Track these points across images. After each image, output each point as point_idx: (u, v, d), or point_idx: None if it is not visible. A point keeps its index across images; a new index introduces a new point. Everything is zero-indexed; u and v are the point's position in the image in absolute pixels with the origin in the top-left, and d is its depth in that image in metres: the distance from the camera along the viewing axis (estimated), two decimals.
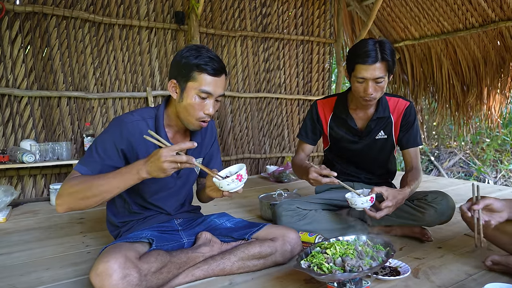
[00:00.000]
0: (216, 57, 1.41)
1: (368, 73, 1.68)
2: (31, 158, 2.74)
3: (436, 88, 4.68)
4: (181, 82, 1.40)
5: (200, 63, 1.37)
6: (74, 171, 1.37)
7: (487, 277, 1.45)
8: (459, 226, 2.03)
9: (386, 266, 1.51)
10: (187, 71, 1.38)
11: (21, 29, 2.96)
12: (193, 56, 1.38)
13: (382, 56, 1.67)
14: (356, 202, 1.59)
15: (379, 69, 1.68)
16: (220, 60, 1.42)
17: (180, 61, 1.40)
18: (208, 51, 1.41)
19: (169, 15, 3.60)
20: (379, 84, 1.71)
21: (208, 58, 1.38)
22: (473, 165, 6.49)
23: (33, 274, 1.60)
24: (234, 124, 4.05)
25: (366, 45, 1.68)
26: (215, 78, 1.40)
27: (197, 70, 1.37)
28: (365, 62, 1.67)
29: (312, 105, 2.08)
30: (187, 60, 1.38)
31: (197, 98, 1.39)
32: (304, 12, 4.32)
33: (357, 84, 1.75)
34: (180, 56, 1.41)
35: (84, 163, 1.38)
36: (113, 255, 1.20)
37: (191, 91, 1.39)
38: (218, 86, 1.41)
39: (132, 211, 1.58)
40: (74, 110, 3.23)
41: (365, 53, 1.67)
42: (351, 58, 1.74)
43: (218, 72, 1.40)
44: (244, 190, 1.43)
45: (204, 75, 1.37)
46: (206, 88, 1.38)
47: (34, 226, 2.32)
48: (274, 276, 1.50)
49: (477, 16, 3.86)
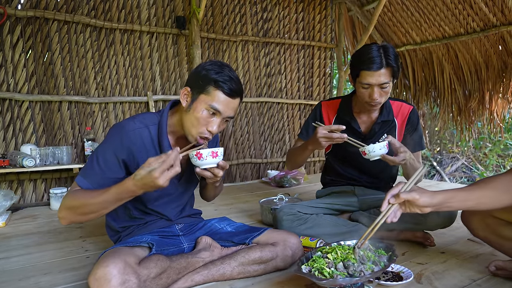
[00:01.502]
0: (236, 79, 1.40)
1: (373, 79, 1.68)
2: (31, 163, 2.73)
3: (438, 93, 4.67)
4: (195, 92, 1.39)
5: (218, 80, 1.35)
6: (75, 183, 1.37)
7: (491, 283, 1.42)
8: (462, 231, 2.00)
9: (389, 271, 1.49)
10: (204, 83, 1.37)
11: (23, 33, 2.97)
12: (214, 71, 1.37)
13: (387, 62, 1.67)
14: (375, 149, 1.60)
15: (384, 75, 1.68)
16: (239, 83, 1.40)
17: (200, 72, 1.39)
18: (230, 70, 1.40)
19: (170, 20, 3.61)
20: (384, 89, 1.72)
21: (228, 77, 1.37)
22: (475, 170, 6.46)
23: (32, 279, 1.59)
24: (235, 128, 4.04)
25: (370, 51, 1.68)
26: (229, 98, 1.38)
27: (214, 85, 1.36)
28: (370, 68, 1.67)
29: (316, 105, 2.08)
30: (207, 73, 1.37)
31: (205, 112, 1.37)
32: (305, 17, 4.33)
33: (362, 90, 1.75)
34: (202, 67, 1.40)
35: (85, 175, 1.36)
36: (112, 260, 1.18)
37: (201, 104, 1.37)
38: (229, 107, 1.39)
39: (132, 216, 1.56)
40: (75, 114, 3.23)
41: (369, 60, 1.67)
42: (356, 64, 1.74)
43: (234, 94, 1.38)
44: (244, 195, 1.42)
45: (219, 92, 1.36)
46: (216, 105, 1.36)
47: (33, 231, 2.31)
48: (275, 281, 1.48)
49: (478, 20, 3.86)
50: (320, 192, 2.20)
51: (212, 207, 2.75)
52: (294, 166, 2.02)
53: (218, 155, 1.34)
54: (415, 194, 1.14)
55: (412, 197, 1.14)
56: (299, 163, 1.97)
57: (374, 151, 1.62)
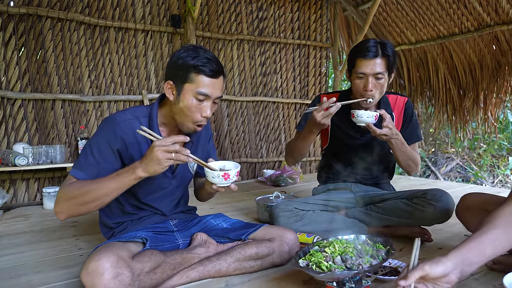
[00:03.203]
0: (214, 58, 1.37)
1: (368, 68, 1.69)
2: (24, 161, 2.69)
3: (433, 92, 4.68)
4: (178, 84, 1.37)
5: (197, 64, 1.33)
6: (70, 176, 1.34)
7: (489, 277, 1.42)
8: (459, 227, 1.99)
9: (386, 266, 1.48)
10: (184, 72, 1.34)
11: (15, 31, 2.93)
12: (190, 56, 1.34)
13: (382, 52, 1.70)
14: (362, 115, 1.66)
15: (379, 64, 1.70)
16: (218, 61, 1.38)
17: (176, 62, 1.36)
18: (205, 51, 1.37)
19: (165, 18, 3.59)
20: (379, 81, 1.71)
21: (206, 59, 1.34)
22: (470, 171, 6.49)
23: (23, 277, 1.56)
24: (230, 128, 4.02)
25: (368, 42, 1.74)
26: (212, 79, 1.36)
27: (194, 71, 1.33)
28: (366, 56, 1.69)
29: (315, 98, 2.06)
30: (184, 61, 1.34)
31: (194, 100, 1.35)
32: (300, 17, 4.33)
33: (357, 81, 1.75)
34: (177, 56, 1.37)
35: (80, 167, 1.34)
36: (105, 254, 1.16)
37: (188, 93, 1.35)
38: (216, 88, 1.37)
39: (126, 212, 1.54)
40: (68, 113, 3.19)
41: (366, 48, 1.70)
42: (352, 54, 1.77)
43: (216, 74, 1.36)
44: (240, 194, 1.42)
45: (201, 76, 1.34)
46: (203, 90, 1.35)
47: (25, 230, 2.27)
48: (272, 277, 1.46)
49: (472, 20, 3.88)
50: (317, 189, 2.19)
51: (208, 206, 2.72)
52: (296, 157, 1.97)
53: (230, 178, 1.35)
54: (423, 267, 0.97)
55: (422, 271, 0.96)
56: (303, 153, 1.92)
57: (361, 116, 1.67)
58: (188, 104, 1.35)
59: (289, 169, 3.66)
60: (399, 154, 1.78)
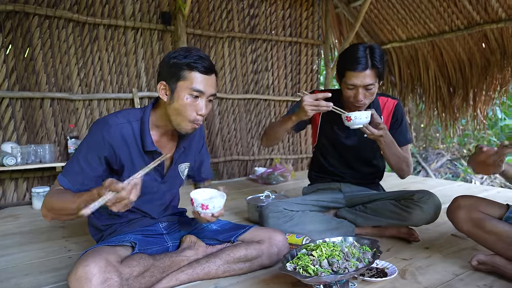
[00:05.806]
0: (205, 56, 1.39)
1: (358, 80, 1.68)
2: (12, 161, 2.67)
3: (423, 89, 4.72)
4: (171, 83, 1.37)
5: (190, 62, 1.34)
6: (57, 182, 1.36)
7: (474, 277, 1.45)
8: (446, 227, 2.03)
9: (373, 268, 1.50)
10: (177, 70, 1.35)
11: (2, 28, 2.88)
12: (182, 55, 1.35)
13: (372, 63, 1.67)
14: (361, 116, 1.62)
15: (369, 76, 1.68)
16: (210, 59, 1.39)
17: (169, 62, 1.37)
18: (197, 50, 1.39)
19: (155, 16, 3.56)
20: (369, 90, 1.72)
21: (198, 57, 1.35)
22: (460, 166, 6.57)
23: (12, 280, 1.55)
24: (222, 125, 4.02)
25: (357, 51, 1.68)
26: (206, 76, 1.37)
27: (188, 68, 1.34)
28: (355, 69, 1.67)
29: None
30: (176, 60, 1.35)
31: (189, 98, 1.36)
32: (292, 14, 4.32)
33: (347, 90, 1.75)
34: (168, 57, 1.38)
35: (66, 173, 1.36)
36: (93, 259, 1.16)
37: (183, 91, 1.35)
38: (209, 84, 1.38)
39: (114, 214, 1.53)
40: (57, 111, 3.16)
41: (355, 60, 1.67)
42: (341, 64, 1.74)
43: (209, 71, 1.38)
44: (231, 192, 1.43)
45: (194, 73, 1.34)
46: (197, 86, 1.35)
47: (14, 231, 2.26)
48: (261, 279, 1.47)
49: (462, 18, 3.91)
50: (307, 189, 2.20)
51: None
52: (270, 139, 1.95)
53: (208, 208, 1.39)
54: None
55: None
56: (277, 136, 1.90)
57: (360, 118, 1.63)
58: (183, 103, 1.36)
59: (281, 167, 3.67)
60: (389, 153, 1.78)
